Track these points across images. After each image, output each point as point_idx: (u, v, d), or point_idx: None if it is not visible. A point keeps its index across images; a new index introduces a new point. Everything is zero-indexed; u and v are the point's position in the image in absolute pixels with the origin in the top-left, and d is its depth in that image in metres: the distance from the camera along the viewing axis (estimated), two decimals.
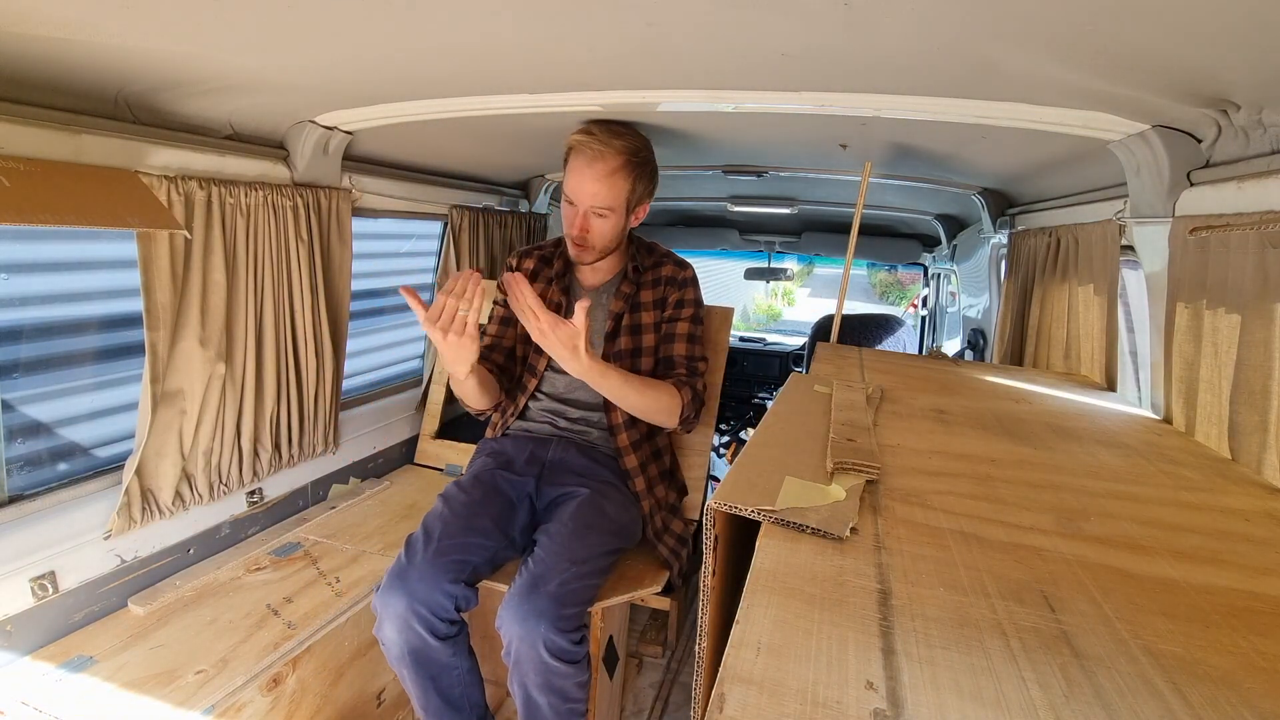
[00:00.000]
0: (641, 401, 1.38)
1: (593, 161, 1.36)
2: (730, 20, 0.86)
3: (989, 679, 0.49)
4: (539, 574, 1.19)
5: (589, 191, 1.37)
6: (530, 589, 1.16)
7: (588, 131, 1.36)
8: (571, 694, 1.18)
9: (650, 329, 1.53)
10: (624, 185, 1.38)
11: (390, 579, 1.20)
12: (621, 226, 1.44)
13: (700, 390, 1.50)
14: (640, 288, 1.54)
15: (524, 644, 1.14)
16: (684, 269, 1.57)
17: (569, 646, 1.14)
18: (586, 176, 1.36)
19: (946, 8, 0.77)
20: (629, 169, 1.38)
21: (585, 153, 1.36)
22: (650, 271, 1.55)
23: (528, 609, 1.14)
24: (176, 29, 0.92)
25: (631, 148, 1.38)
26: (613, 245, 1.47)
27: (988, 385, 1.40)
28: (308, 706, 1.27)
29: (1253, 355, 0.94)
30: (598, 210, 1.38)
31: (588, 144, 1.36)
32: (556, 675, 1.15)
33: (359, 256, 1.76)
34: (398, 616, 1.17)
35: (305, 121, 1.46)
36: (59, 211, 1.03)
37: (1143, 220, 1.22)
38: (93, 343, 1.37)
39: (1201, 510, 0.80)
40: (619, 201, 1.39)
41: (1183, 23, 0.74)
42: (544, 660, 1.13)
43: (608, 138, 1.35)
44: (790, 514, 0.69)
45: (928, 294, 3.66)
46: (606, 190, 1.37)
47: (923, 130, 1.41)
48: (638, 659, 1.88)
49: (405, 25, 0.92)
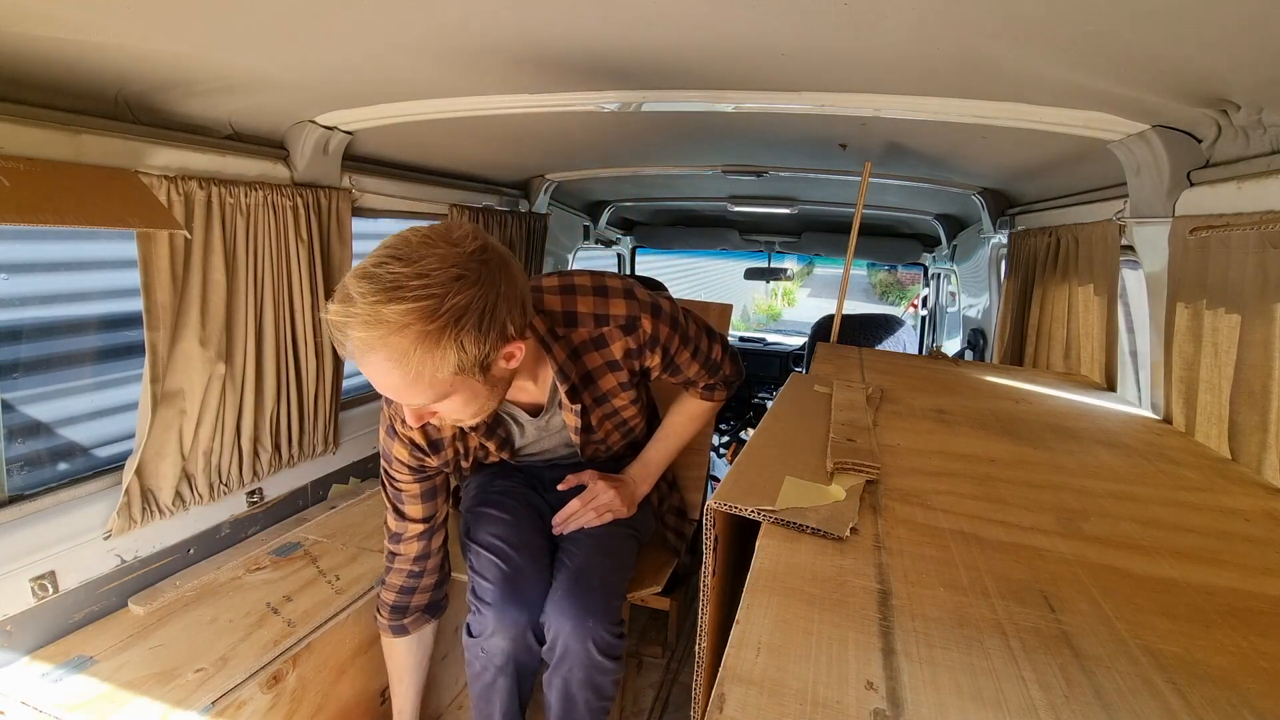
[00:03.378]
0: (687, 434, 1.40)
1: (365, 354, 0.82)
2: (730, 20, 0.86)
3: (989, 679, 0.49)
4: (579, 571, 1.19)
5: (388, 388, 0.87)
6: (576, 586, 1.16)
7: (345, 298, 0.80)
8: (608, 691, 1.19)
9: (628, 404, 1.23)
10: (436, 365, 0.83)
11: (503, 591, 1.17)
12: (484, 391, 0.94)
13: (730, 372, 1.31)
14: (594, 379, 1.14)
15: (574, 639, 1.14)
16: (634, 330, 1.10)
17: (614, 641, 1.16)
18: (370, 372, 0.84)
19: (946, 8, 0.77)
20: (431, 342, 0.81)
21: (349, 341, 0.81)
22: (594, 354, 1.12)
23: (580, 606, 1.14)
24: (176, 29, 0.92)
25: (423, 308, 0.79)
26: (494, 402, 1.00)
27: (988, 385, 1.40)
28: (309, 704, 1.27)
29: (1253, 355, 0.94)
30: (424, 405, 0.92)
31: (347, 325, 0.79)
32: (599, 671, 1.16)
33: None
34: (515, 625, 1.16)
35: (305, 121, 1.46)
36: (59, 211, 1.03)
37: (1143, 220, 1.22)
38: (93, 343, 1.37)
39: (1201, 510, 0.80)
40: (443, 384, 0.87)
41: (1183, 23, 0.74)
42: (592, 656, 1.14)
43: (375, 305, 0.78)
44: (790, 514, 0.69)
45: (928, 294, 3.66)
46: (411, 383, 0.85)
47: (922, 130, 1.41)
48: (638, 659, 1.88)
49: (405, 25, 0.92)
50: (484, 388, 0.93)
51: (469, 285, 0.83)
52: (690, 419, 1.39)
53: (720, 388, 1.36)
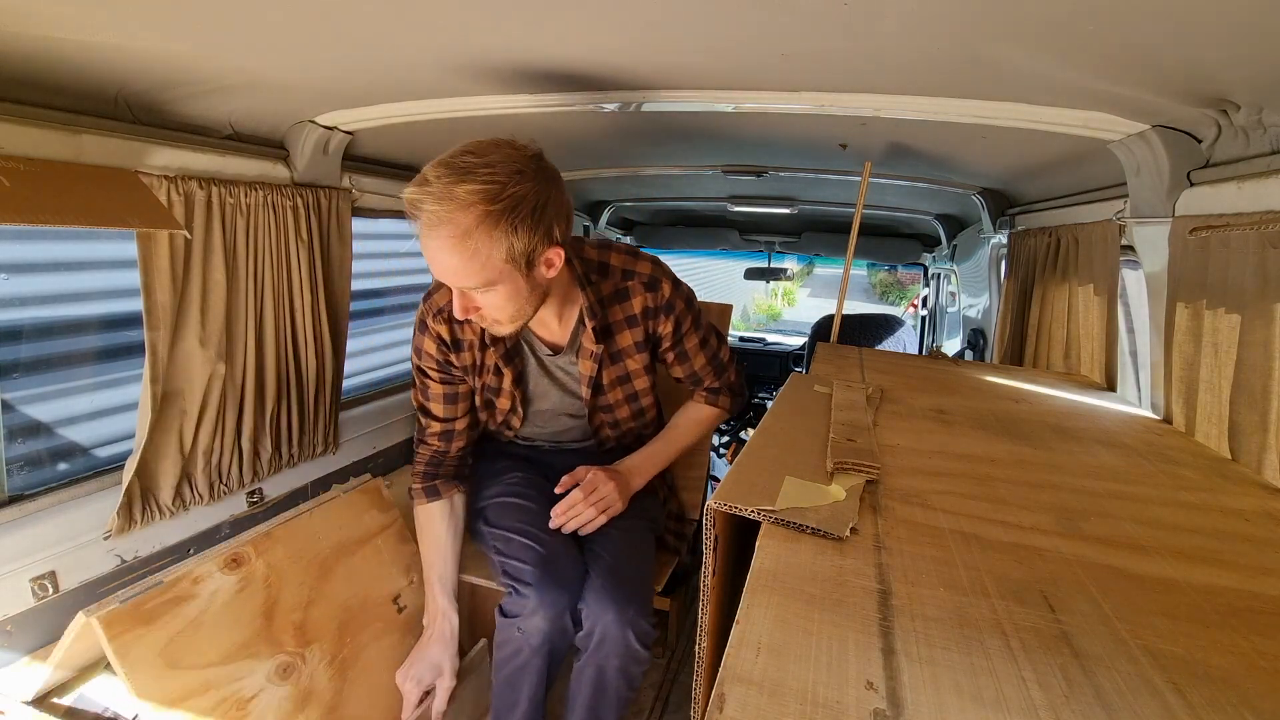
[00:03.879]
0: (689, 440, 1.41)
1: (434, 228, 0.95)
2: (730, 20, 0.86)
3: (989, 679, 0.49)
4: (613, 562, 1.22)
5: (446, 268, 0.99)
6: (614, 576, 1.19)
7: (422, 180, 0.96)
8: (637, 682, 1.22)
9: (641, 373, 1.32)
10: (492, 247, 0.97)
11: (543, 572, 1.18)
12: (524, 290, 1.05)
13: (735, 379, 1.40)
14: (613, 332, 1.25)
15: (615, 627, 1.16)
16: (658, 288, 1.24)
17: (650, 630, 1.19)
18: (434, 249, 0.98)
19: (946, 8, 0.77)
20: (491, 222, 0.95)
21: (422, 215, 0.95)
22: (617, 307, 1.24)
23: (621, 594, 1.17)
24: (176, 29, 0.92)
25: (487, 191, 0.94)
26: (530, 308, 1.10)
27: (988, 385, 1.40)
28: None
29: (1253, 355, 0.94)
30: (474, 288, 1.03)
31: (422, 201, 0.94)
32: (634, 660, 1.19)
33: (359, 256, 1.76)
34: (555, 605, 1.17)
35: (305, 121, 1.46)
36: (59, 211, 1.03)
37: (1143, 220, 1.22)
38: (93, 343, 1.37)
39: (1201, 510, 0.80)
40: (495, 269, 0.99)
41: (1183, 23, 0.74)
42: (630, 645, 1.16)
43: (448, 185, 0.94)
44: (790, 514, 0.69)
45: (928, 294, 3.66)
46: (466, 262, 0.97)
47: (922, 130, 1.41)
48: None
49: (405, 25, 0.92)
50: (525, 286, 1.05)
51: (527, 180, 0.97)
52: (693, 423, 1.41)
53: (725, 394, 1.41)
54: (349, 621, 1.33)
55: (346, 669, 1.27)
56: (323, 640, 1.26)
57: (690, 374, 1.37)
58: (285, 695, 1.16)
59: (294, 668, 1.19)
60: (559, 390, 1.35)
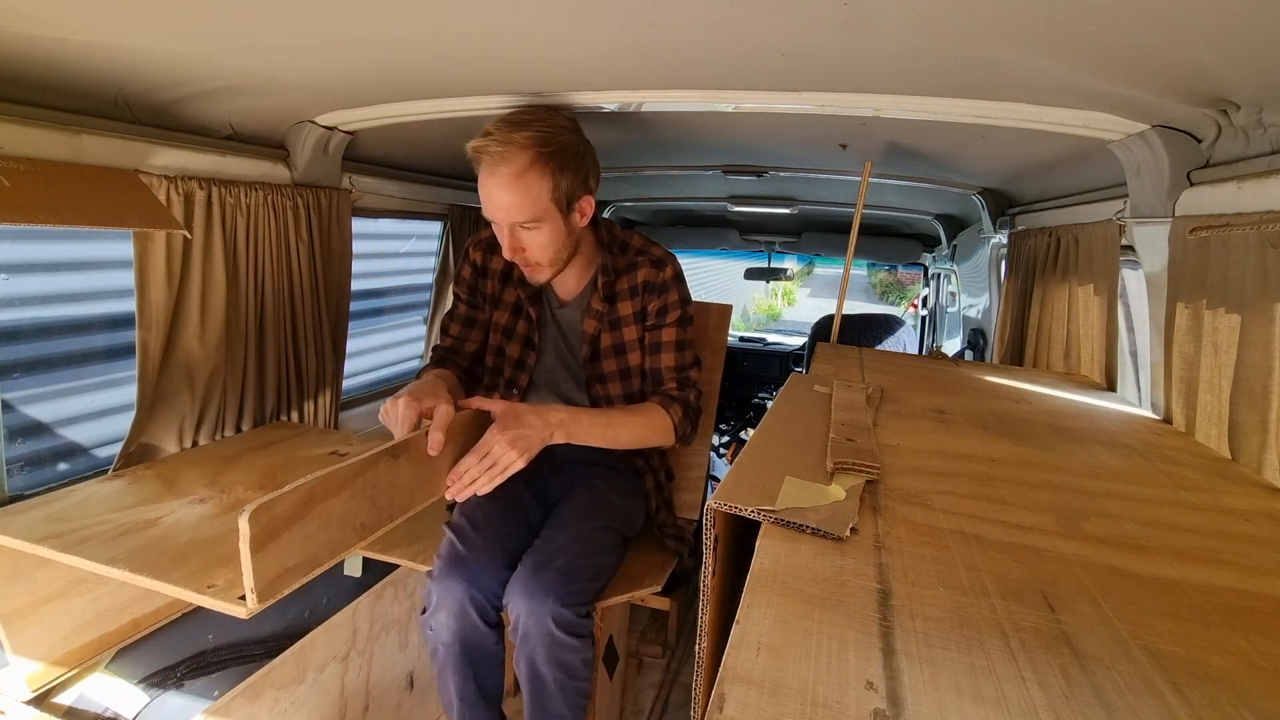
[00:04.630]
0: (629, 431, 1.32)
1: (495, 167, 1.13)
2: (730, 20, 0.86)
3: (989, 679, 0.49)
4: (547, 553, 1.20)
5: (501, 204, 1.16)
6: (539, 567, 1.17)
7: (485, 133, 1.15)
8: (577, 670, 1.19)
9: (635, 346, 1.38)
10: (541, 184, 1.15)
11: (447, 565, 1.19)
12: (564, 233, 1.22)
13: (694, 400, 1.39)
14: (616, 300, 1.36)
15: (532, 618, 1.15)
16: (662, 268, 1.35)
17: (576, 619, 1.16)
18: (493, 186, 1.15)
19: (946, 8, 0.77)
20: (542, 163, 1.14)
21: (486, 159, 1.14)
22: (625, 278, 1.35)
23: (535, 585, 1.15)
24: (176, 29, 0.92)
25: (540, 136, 1.14)
26: (565, 254, 1.26)
27: (988, 385, 1.40)
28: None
29: (1253, 355, 0.94)
30: (523, 224, 1.18)
31: (486, 147, 1.13)
32: (563, 649, 1.16)
33: (359, 256, 1.76)
34: (456, 602, 1.17)
35: (305, 121, 1.46)
36: (59, 211, 1.03)
37: (1143, 220, 1.22)
38: (93, 343, 1.37)
39: (1201, 510, 0.80)
40: (542, 206, 1.17)
41: (1183, 23, 0.74)
42: (552, 633, 1.14)
43: (508, 133, 1.13)
44: (790, 514, 0.69)
45: (928, 294, 3.66)
46: (520, 198, 1.15)
47: (922, 130, 1.41)
48: (638, 659, 1.88)
49: (405, 25, 0.92)
50: (563, 229, 1.22)
51: (570, 134, 1.20)
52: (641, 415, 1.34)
53: (678, 406, 1.35)
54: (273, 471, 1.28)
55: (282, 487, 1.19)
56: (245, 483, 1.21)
57: (654, 369, 1.37)
58: (205, 510, 1.10)
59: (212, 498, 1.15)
60: (563, 344, 1.43)
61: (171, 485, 1.18)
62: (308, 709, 1.29)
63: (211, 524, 1.05)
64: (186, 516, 1.07)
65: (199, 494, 1.15)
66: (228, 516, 1.07)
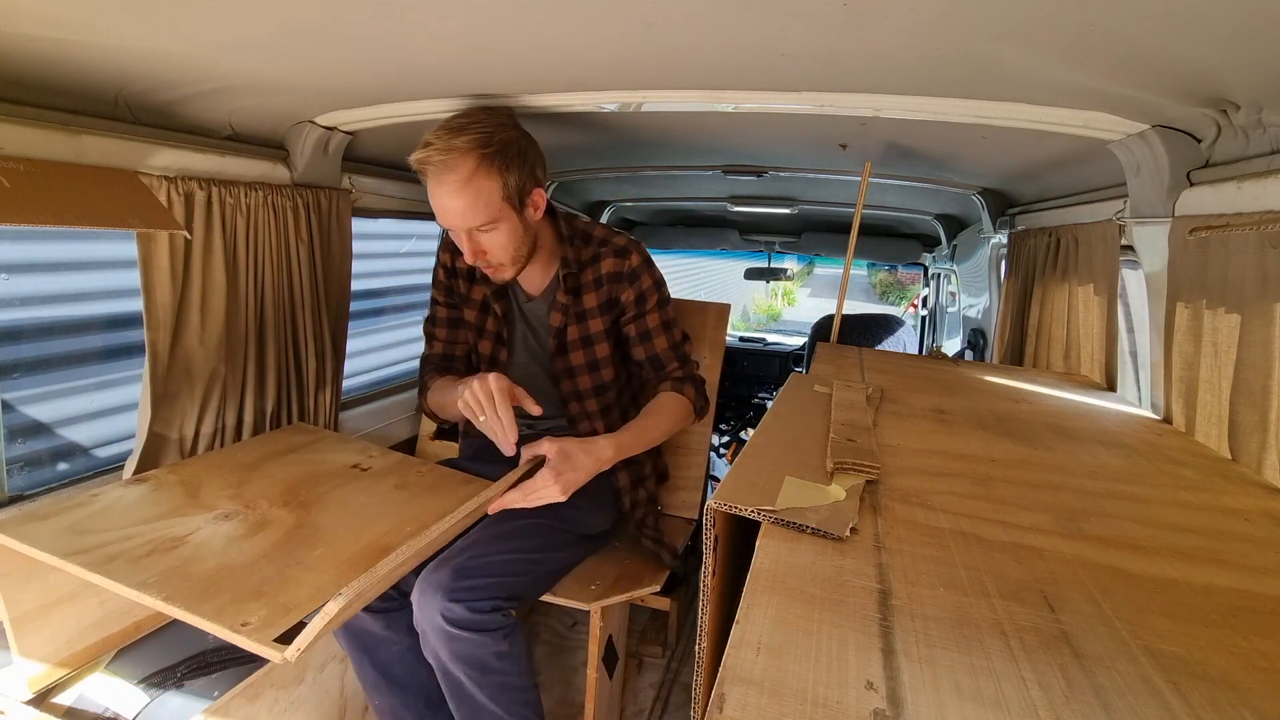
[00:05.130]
0: (662, 431, 1.37)
1: (442, 176, 1.14)
2: (730, 20, 0.86)
3: (989, 679, 0.49)
4: (451, 551, 1.18)
5: (454, 211, 1.16)
6: (438, 564, 1.15)
7: (425, 143, 1.15)
8: (490, 664, 1.14)
9: (602, 337, 1.40)
10: (491, 185, 1.15)
11: None
12: (520, 229, 1.24)
13: (697, 372, 1.45)
14: (580, 293, 1.37)
15: (422, 614, 1.13)
16: (627, 256, 1.35)
17: (469, 614, 1.11)
18: (442, 195, 1.15)
19: (946, 8, 0.77)
20: (488, 163, 1.14)
21: (431, 169, 1.14)
22: (589, 269, 1.37)
23: (427, 582, 1.13)
24: (176, 29, 0.92)
25: (480, 137, 1.14)
26: (525, 250, 1.28)
27: (988, 385, 1.40)
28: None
29: (1253, 355, 0.94)
30: (479, 228, 1.19)
31: (429, 158, 1.13)
32: (464, 644, 1.12)
33: (359, 256, 1.76)
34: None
35: (305, 122, 1.46)
36: (59, 212, 1.03)
37: (1143, 220, 1.22)
38: (93, 343, 1.37)
39: (1201, 510, 0.80)
40: (495, 206, 1.17)
41: (1183, 23, 0.74)
42: (444, 629, 1.11)
43: (448, 140, 1.13)
44: (790, 514, 0.69)
45: (928, 294, 3.66)
46: (471, 201, 1.15)
47: (922, 130, 1.41)
48: (638, 659, 1.88)
49: (405, 25, 0.92)
50: (519, 226, 1.23)
51: (509, 129, 1.19)
52: (664, 408, 1.37)
53: (690, 384, 1.41)
54: (296, 486, 1.25)
55: (308, 507, 1.18)
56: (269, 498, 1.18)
57: (652, 355, 1.41)
58: (231, 530, 1.07)
59: (237, 514, 1.12)
60: (532, 338, 1.45)
61: (194, 495, 1.15)
62: (308, 709, 1.29)
63: (239, 547, 1.02)
64: (214, 536, 1.04)
65: (223, 508, 1.12)
66: (255, 539, 1.04)
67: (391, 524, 1.14)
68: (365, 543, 1.07)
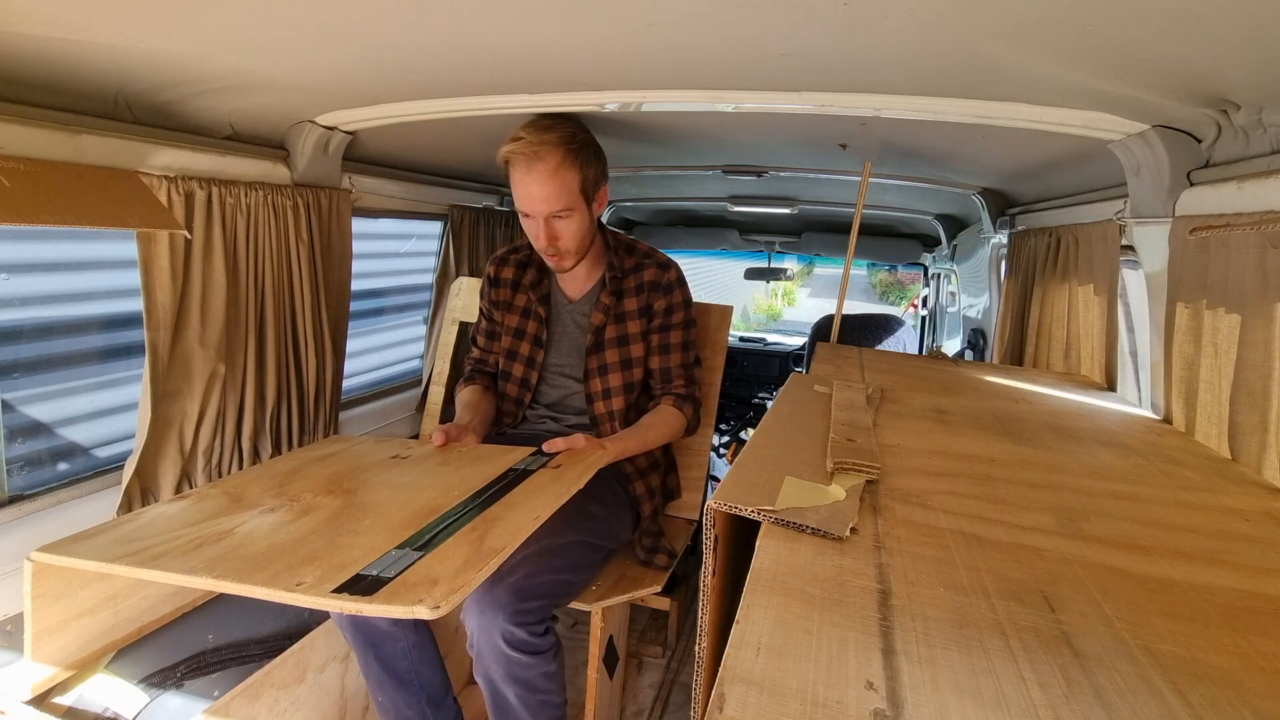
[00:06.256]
0: (656, 440, 1.46)
1: (532, 165, 1.28)
2: (730, 20, 0.86)
3: (989, 679, 0.49)
4: (506, 566, 1.16)
5: (539, 197, 1.30)
6: (494, 581, 1.15)
7: (517, 137, 1.29)
8: (539, 684, 1.17)
9: (638, 338, 1.49)
10: (573, 177, 1.31)
11: None
12: (588, 221, 1.39)
13: (699, 397, 1.55)
14: (622, 296, 1.48)
15: (482, 635, 1.14)
16: (668, 270, 1.49)
17: (528, 638, 1.13)
18: (531, 182, 1.29)
19: (946, 8, 0.77)
20: (573, 158, 1.30)
21: (521, 159, 1.28)
22: (632, 276, 1.48)
23: (486, 601, 1.13)
24: (176, 29, 0.92)
25: (567, 135, 1.30)
26: (587, 243, 1.42)
27: (988, 385, 1.40)
28: None
29: (1253, 355, 0.94)
30: (557, 214, 1.32)
31: (521, 149, 1.28)
32: (519, 666, 1.14)
33: (359, 256, 1.76)
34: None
35: (305, 121, 1.46)
36: (59, 211, 1.03)
37: (1143, 220, 1.22)
38: (93, 343, 1.37)
39: (1201, 510, 0.80)
40: (574, 197, 1.32)
41: (1183, 23, 0.74)
42: (503, 651, 1.13)
43: (540, 134, 1.28)
44: (790, 514, 0.69)
45: (928, 294, 3.66)
46: (557, 190, 1.30)
47: (923, 130, 1.41)
48: (638, 659, 1.88)
49: (405, 25, 0.92)
50: (588, 219, 1.38)
51: (585, 132, 1.37)
52: (662, 423, 1.47)
53: (689, 404, 1.51)
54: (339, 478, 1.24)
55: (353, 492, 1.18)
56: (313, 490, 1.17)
57: (664, 368, 1.50)
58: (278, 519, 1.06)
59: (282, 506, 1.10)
60: (568, 341, 1.53)
61: (238, 500, 1.14)
62: (308, 709, 1.29)
63: (288, 529, 1.01)
64: (261, 525, 1.03)
65: (268, 504, 1.11)
66: (303, 521, 1.03)
67: (440, 490, 1.13)
68: (415, 508, 1.06)
